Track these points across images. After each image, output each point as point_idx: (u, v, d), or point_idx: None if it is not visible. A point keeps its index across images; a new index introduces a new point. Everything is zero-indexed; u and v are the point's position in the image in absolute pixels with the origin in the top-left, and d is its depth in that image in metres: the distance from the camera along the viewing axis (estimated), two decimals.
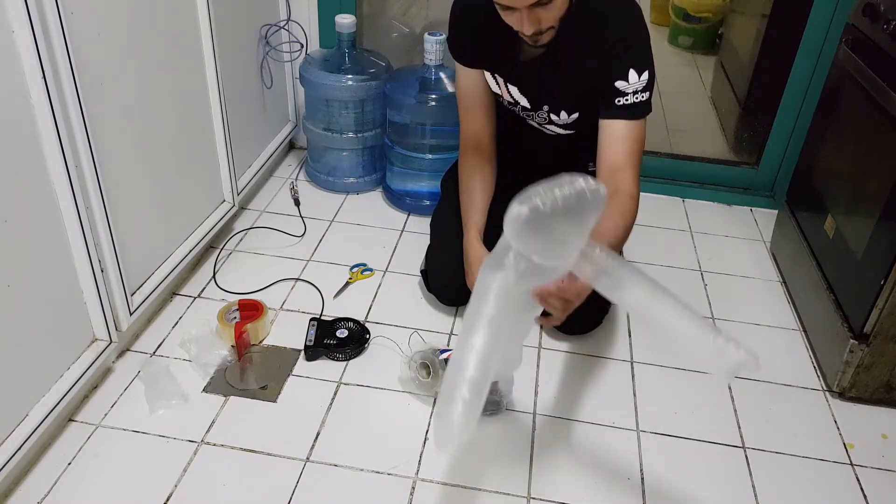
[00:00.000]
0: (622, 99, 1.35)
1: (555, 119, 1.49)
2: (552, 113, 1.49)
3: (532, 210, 0.94)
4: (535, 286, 1.09)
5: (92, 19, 1.25)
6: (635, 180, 1.37)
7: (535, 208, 0.94)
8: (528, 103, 1.50)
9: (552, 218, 0.95)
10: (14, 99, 1.10)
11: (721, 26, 3.38)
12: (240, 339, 1.49)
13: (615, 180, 1.34)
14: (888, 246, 1.36)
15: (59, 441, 1.30)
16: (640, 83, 1.34)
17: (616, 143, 1.37)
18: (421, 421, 1.38)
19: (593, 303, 1.58)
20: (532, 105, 1.50)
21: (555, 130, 1.54)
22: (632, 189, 1.35)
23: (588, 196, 0.96)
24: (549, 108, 1.49)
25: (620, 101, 1.35)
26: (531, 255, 1.02)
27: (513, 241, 1.01)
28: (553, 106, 1.48)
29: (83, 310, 1.34)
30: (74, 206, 1.23)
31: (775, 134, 2.15)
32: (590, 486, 1.28)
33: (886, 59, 1.45)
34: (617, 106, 1.35)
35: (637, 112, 1.36)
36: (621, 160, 1.37)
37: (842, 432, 1.43)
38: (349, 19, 1.99)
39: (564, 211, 0.95)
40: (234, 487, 1.24)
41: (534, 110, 1.50)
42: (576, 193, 0.95)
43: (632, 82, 1.34)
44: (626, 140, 1.37)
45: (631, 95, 1.34)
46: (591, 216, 1.00)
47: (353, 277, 1.77)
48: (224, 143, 1.77)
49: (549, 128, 1.54)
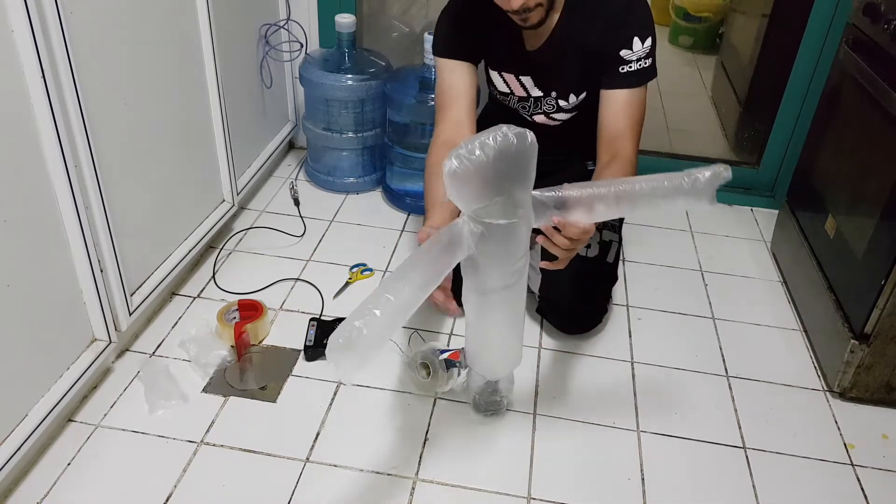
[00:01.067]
0: (626, 67, 1.39)
1: (563, 104, 1.51)
2: (560, 98, 1.50)
3: (457, 159, 0.98)
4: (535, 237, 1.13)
5: (92, 19, 1.24)
6: (635, 146, 1.41)
7: (460, 156, 0.98)
8: (539, 92, 1.51)
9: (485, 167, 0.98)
10: (13, 99, 1.10)
11: (721, 26, 3.38)
12: (239, 340, 1.49)
13: (615, 147, 1.39)
14: (889, 246, 1.36)
15: (58, 441, 1.30)
16: (644, 50, 1.38)
17: (617, 113, 1.41)
18: (421, 421, 1.38)
19: (593, 303, 1.60)
20: (543, 92, 1.51)
21: (557, 119, 1.55)
22: (630, 155, 1.39)
23: (512, 140, 0.98)
24: (557, 93, 1.50)
25: (624, 69, 1.39)
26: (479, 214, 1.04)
27: (454, 199, 1.03)
28: (561, 91, 1.50)
29: (82, 310, 1.34)
30: (74, 206, 1.23)
31: (776, 134, 2.15)
32: (590, 486, 1.28)
33: (887, 59, 1.44)
34: (621, 74, 1.39)
35: (641, 78, 1.41)
36: (622, 129, 1.41)
37: (842, 432, 1.43)
38: (349, 19, 1.99)
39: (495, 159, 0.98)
40: (234, 487, 1.23)
41: (544, 97, 1.52)
42: (501, 137, 0.98)
43: (636, 50, 1.38)
44: (628, 108, 1.41)
45: (635, 63, 1.38)
46: (525, 163, 1.02)
47: (352, 277, 1.77)
48: (224, 143, 1.77)
49: (555, 116, 1.55)
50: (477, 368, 1.33)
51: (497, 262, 1.13)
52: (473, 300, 1.20)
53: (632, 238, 2.00)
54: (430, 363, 1.41)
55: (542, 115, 1.56)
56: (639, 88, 1.41)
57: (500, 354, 1.30)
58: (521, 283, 1.19)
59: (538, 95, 1.52)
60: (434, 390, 1.42)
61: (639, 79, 1.40)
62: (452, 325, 1.63)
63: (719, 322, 1.71)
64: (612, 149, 1.39)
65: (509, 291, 1.18)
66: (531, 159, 1.04)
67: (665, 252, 1.97)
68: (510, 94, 1.55)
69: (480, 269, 1.14)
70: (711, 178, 1.03)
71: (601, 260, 1.56)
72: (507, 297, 1.19)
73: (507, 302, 1.20)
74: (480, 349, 1.29)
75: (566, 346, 1.60)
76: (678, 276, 1.88)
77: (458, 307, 1.23)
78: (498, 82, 1.53)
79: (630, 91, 1.41)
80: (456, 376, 1.42)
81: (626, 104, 1.41)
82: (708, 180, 1.03)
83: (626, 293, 1.78)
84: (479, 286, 1.17)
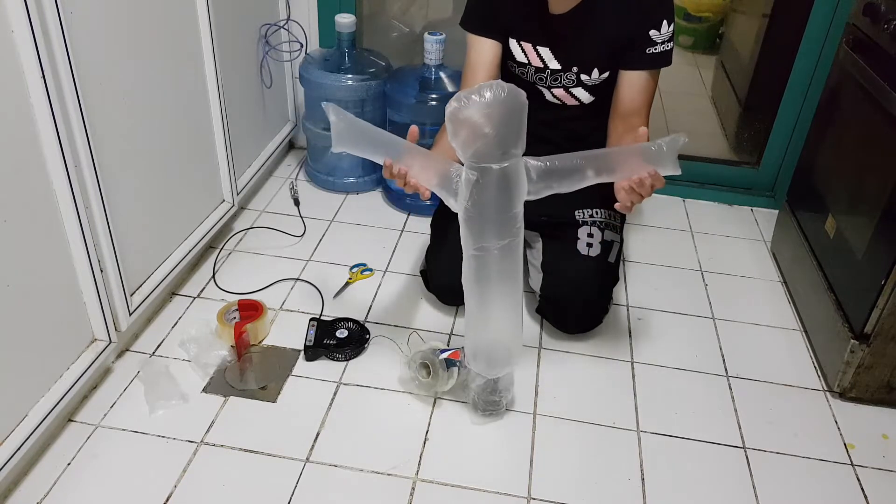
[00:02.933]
0: (652, 49, 1.43)
1: (584, 79, 1.52)
2: (582, 73, 1.51)
3: (457, 100, 1.12)
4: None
5: (92, 19, 1.24)
6: (646, 122, 1.47)
7: (459, 98, 1.12)
8: (558, 64, 1.51)
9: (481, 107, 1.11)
10: (13, 99, 1.10)
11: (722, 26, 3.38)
12: (239, 340, 1.49)
13: (628, 123, 1.45)
14: (889, 246, 1.36)
15: (58, 441, 1.30)
16: (669, 33, 1.43)
17: (635, 93, 1.47)
18: (421, 421, 1.38)
19: (595, 303, 1.60)
20: (563, 66, 1.51)
21: (578, 97, 1.55)
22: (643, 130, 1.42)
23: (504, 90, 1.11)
24: (579, 68, 1.51)
25: (650, 51, 1.43)
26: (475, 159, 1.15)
27: (454, 142, 1.15)
28: (584, 65, 1.51)
29: (82, 310, 1.34)
30: (74, 206, 1.23)
31: (776, 134, 2.15)
32: (590, 486, 1.28)
33: (887, 59, 1.44)
34: (647, 55, 1.44)
35: (662, 61, 1.45)
36: (637, 107, 1.47)
37: (842, 432, 1.43)
38: (349, 19, 1.99)
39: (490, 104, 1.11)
40: (234, 487, 1.23)
41: (563, 71, 1.52)
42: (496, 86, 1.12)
43: (663, 32, 1.42)
44: (646, 90, 1.47)
45: (660, 45, 1.43)
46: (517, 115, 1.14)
47: (352, 277, 1.77)
48: (224, 143, 1.77)
49: (575, 92, 1.55)
50: (476, 365, 1.33)
51: (492, 211, 1.19)
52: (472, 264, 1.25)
53: (632, 238, 2.00)
54: (431, 363, 1.41)
55: (562, 90, 1.55)
56: (657, 71, 1.46)
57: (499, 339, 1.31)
58: (518, 244, 1.24)
59: (556, 68, 1.51)
60: (434, 390, 1.42)
61: (660, 61, 1.45)
62: (452, 325, 1.63)
63: (719, 322, 1.71)
64: (625, 123, 1.46)
65: (506, 252, 1.22)
66: (522, 113, 1.14)
67: (665, 252, 1.97)
68: (527, 66, 1.54)
69: (476, 222, 1.20)
70: (671, 143, 1.20)
71: (603, 260, 1.56)
72: (505, 260, 1.23)
73: (505, 268, 1.25)
74: (480, 337, 1.30)
75: (566, 346, 1.60)
76: (678, 276, 1.88)
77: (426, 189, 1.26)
78: (516, 51, 1.53)
79: (649, 73, 1.46)
80: (456, 376, 1.42)
81: (645, 86, 1.46)
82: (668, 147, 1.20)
83: (626, 293, 1.78)
84: (476, 243, 1.22)
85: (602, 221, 1.58)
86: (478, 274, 1.25)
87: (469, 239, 1.23)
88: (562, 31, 1.47)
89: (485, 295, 1.27)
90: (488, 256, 1.22)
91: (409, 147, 1.23)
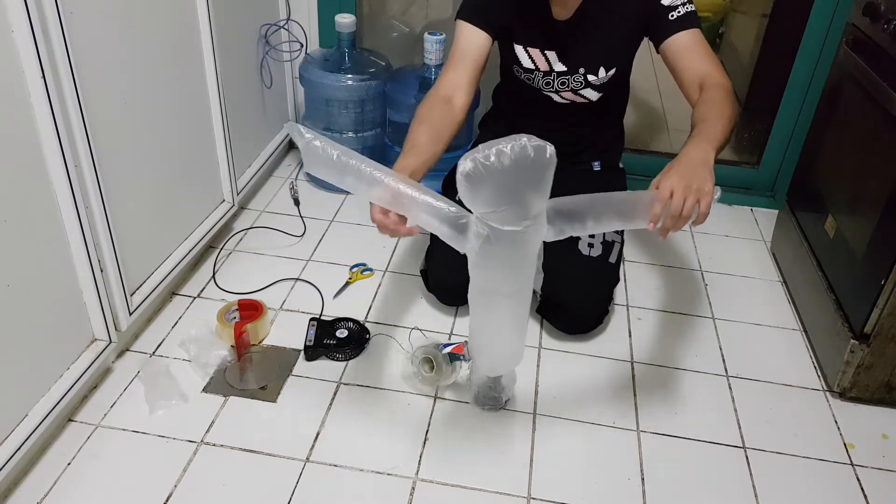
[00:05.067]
0: (674, 13, 1.38)
1: (592, 80, 1.52)
2: (589, 73, 1.51)
3: (472, 161, 0.97)
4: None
5: (92, 19, 1.24)
6: (723, 73, 1.34)
7: (475, 160, 0.97)
8: (564, 67, 1.51)
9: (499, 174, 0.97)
10: (13, 98, 1.10)
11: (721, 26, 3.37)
12: (239, 339, 1.49)
13: (703, 83, 1.32)
14: (889, 246, 1.36)
15: (58, 441, 1.30)
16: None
17: (690, 53, 1.36)
18: (421, 421, 1.38)
19: (596, 303, 1.60)
20: (569, 68, 1.51)
21: (586, 97, 1.55)
22: (722, 80, 1.31)
23: (531, 153, 0.97)
24: (586, 69, 1.51)
25: (673, 15, 1.38)
26: (486, 217, 1.04)
27: (465, 199, 1.03)
28: (590, 66, 1.50)
29: (83, 310, 1.34)
30: (74, 205, 1.23)
31: (776, 134, 2.15)
32: (590, 486, 1.28)
33: (887, 59, 1.44)
34: (672, 20, 1.37)
35: (692, 20, 1.37)
36: (699, 65, 1.34)
37: (842, 432, 1.43)
38: (349, 19, 1.99)
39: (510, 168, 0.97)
40: (234, 487, 1.23)
41: (570, 74, 1.52)
42: (518, 148, 0.97)
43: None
44: (697, 47, 1.36)
45: (681, 7, 1.37)
46: (541, 175, 1.01)
47: (352, 277, 1.77)
48: (224, 143, 1.77)
49: (583, 93, 1.54)
50: (479, 364, 1.33)
51: (501, 266, 1.12)
52: (478, 300, 1.21)
53: (632, 238, 2.00)
54: (434, 357, 1.41)
55: (570, 93, 1.56)
56: (696, 29, 1.37)
57: (501, 352, 1.30)
58: (527, 293, 1.19)
59: (562, 70, 1.52)
60: (438, 384, 1.42)
61: (690, 21, 1.37)
62: (453, 324, 1.63)
63: (719, 322, 1.71)
64: (695, 91, 1.33)
65: (513, 299, 1.18)
66: (548, 171, 1.01)
67: (665, 252, 1.97)
68: (535, 71, 1.54)
69: (483, 270, 1.14)
70: None
71: (604, 260, 1.56)
72: (512, 304, 1.19)
73: (511, 308, 1.20)
74: (482, 347, 1.29)
75: (566, 346, 1.60)
76: (678, 276, 1.88)
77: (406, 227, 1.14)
78: (523, 58, 1.53)
79: (688, 32, 1.37)
80: (459, 369, 1.42)
81: (693, 43, 1.36)
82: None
83: (626, 293, 1.78)
84: (482, 287, 1.17)
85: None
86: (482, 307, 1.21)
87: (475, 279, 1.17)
88: (567, 35, 1.48)
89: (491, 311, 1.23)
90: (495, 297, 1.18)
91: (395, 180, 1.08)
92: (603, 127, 1.66)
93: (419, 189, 1.10)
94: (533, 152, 0.97)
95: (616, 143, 1.72)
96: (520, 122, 1.64)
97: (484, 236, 1.07)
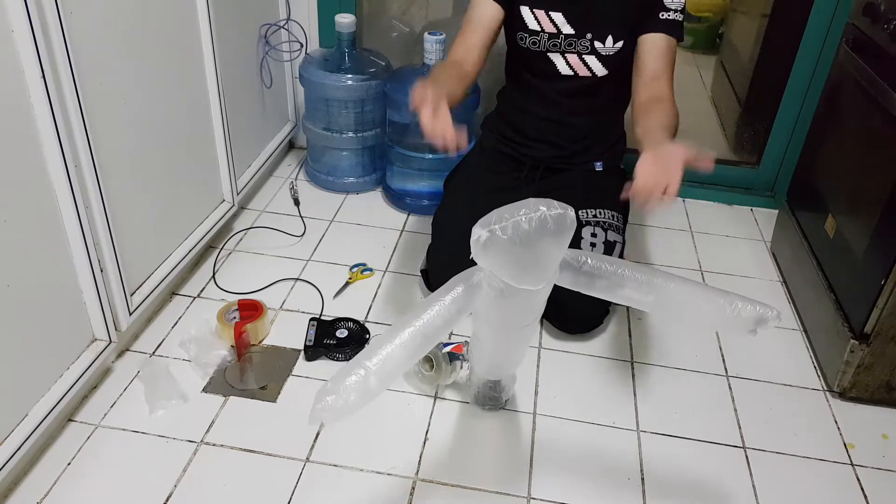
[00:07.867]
0: (666, 14, 1.46)
1: (598, 47, 1.53)
2: (596, 40, 1.52)
3: (489, 231, 0.94)
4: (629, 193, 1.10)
5: (92, 19, 1.24)
6: (672, 89, 1.48)
7: (492, 230, 0.94)
8: (571, 29, 1.53)
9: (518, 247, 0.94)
10: (13, 98, 1.10)
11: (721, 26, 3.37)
12: (239, 339, 1.49)
13: (653, 88, 1.46)
14: (889, 246, 1.36)
15: (58, 441, 1.30)
16: (681, 2, 1.46)
17: (658, 55, 1.48)
18: (421, 421, 1.38)
19: (596, 304, 1.60)
20: (576, 31, 1.53)
21: (591, 68, 1.56)
22: (670, 96, 1.45)
23: (550, 223, 0.93)
24: (593, 34, 1.53)
25: (664, 16, 1.46)
26: (501, 277, 1.01)
27: (479, 262, 1.00)
28: (597, 32, 1.52)
29: (82, 310, 1.34)
30: (74, 205, 1.23)
31: (776, 133, 2.15)
32: (590, 486, 1.28)
33: (887, 59, 1.44)
34: (661, 20, 1.46)
35: (676, 29, 1.48)
36: (660, 70, 1.48)
37: (842, 432, 1.43)
38: (349, 19, 1.99)
39: (528, 236, 0.94)
40: (234, 487, 1.23)
41: (577, 37, 1.53)
42: (537, 220, 0.93)
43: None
44: (667, 53, 1.48)
45: (673, 12, 1.46)
46: (561, 242, 0.98)
47: (352, 277, 1.77)
48: (224, 143, 1.77)
49: (588, 60, 1.56)
50: (478, 371, 1.34)
51: (512, 314, 1.12)
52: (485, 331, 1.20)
53: (632, 238, 2.00)
54: (434, 356, 1.41)
55: (576, 56, 1.56)
56: (674, 39, 1.48)
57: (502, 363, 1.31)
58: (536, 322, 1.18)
59: (569, 33, 1.53)
60: (438, 383, 1.42)
61: (674, 29, 1.47)
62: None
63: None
64: (650, 89, 1.46)
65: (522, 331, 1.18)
66: (567, 237, 0.98)
67: (665, 252, 1.97)
68: (540, 33, 1.54)
69: (493, 315, 1.14)
70: (755, 320, 0.99)
71: None
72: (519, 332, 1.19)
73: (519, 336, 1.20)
74: (483, 357, 1.30)
75: (566, 346, 1.60)
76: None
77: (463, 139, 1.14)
78: (528, 19, 1.54)
79: (668, 38, 1.47)
80: (459, 369, 1.42)
81: (665, 49, 1.48)
82: (749, 319, 0.99)
83: None
84: (490, 322, 1.17)
85: (605, 222, 1.58)
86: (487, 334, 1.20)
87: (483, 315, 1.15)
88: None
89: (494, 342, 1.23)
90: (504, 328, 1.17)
91: None
92: (603, 124, 1.66)
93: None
94: (553, 223, 0.93)
95: (618, 144, 1.72)
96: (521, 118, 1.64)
97: (497, 290, 1.04)
